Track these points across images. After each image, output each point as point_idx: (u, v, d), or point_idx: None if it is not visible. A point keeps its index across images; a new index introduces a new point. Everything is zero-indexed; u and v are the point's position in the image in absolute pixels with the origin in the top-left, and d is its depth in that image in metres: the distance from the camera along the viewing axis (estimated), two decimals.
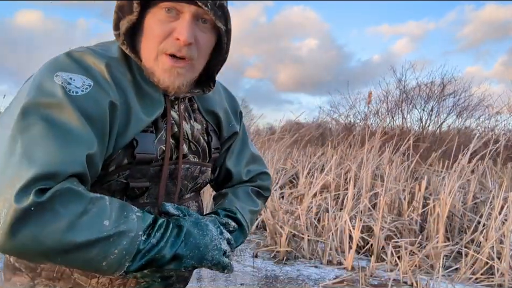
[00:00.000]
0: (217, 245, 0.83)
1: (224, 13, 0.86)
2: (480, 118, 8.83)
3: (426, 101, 8.84)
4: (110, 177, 0.83)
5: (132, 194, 0.87)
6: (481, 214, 3.93)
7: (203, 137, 1.01)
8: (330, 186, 4.70)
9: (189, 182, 0.99)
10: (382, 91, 9.32)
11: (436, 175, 4.79)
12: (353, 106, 9.22)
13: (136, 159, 0.84)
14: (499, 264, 3.17)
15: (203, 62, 0.90)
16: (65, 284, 0.87)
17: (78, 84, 0.77)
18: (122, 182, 0.85)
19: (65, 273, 0.87)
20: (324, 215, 3.84)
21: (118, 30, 0.86)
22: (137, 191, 0.87)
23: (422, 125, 8.70)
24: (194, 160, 0.98)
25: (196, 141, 0.99)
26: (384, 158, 5.10)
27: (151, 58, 0.85)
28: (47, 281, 0.87)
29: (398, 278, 3.08)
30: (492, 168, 5.46)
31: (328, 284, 2.93)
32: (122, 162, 0.83)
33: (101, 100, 0.78)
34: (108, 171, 0.82)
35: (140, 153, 0.84)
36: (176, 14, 0.83)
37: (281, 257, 3.49)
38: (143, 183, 0.86)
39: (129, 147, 0.84)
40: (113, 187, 0.85)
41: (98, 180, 0.82)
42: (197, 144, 0.99)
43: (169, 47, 0.83)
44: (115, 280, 0.87)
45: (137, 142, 0.84)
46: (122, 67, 0.86)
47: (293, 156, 6.15)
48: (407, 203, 4.09)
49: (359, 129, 8.10)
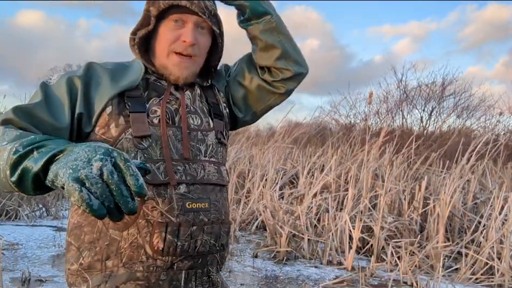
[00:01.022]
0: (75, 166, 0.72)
1: (217, 20, 1.17)
2: (480, 118, 8.83)
3: (426, 102, 8.84)
4: (119, 137, 1.05)
5: (142, 146, 1.06)
6: (481, 214, 3.92)
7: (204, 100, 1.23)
8: (330, 186, 4.69)
9: (198, 144, 1.14)
10: (383, 91, 9.32)
11: (436, 175, 4.78)
12: (353, 106, 9.22)
13: (130, 117, 1.06)
14: (499, 264, 3.16)
15: (203, 58, 1.19)
16: (103, 242, 1.04)
17: (54, 77, 1.09)
18: (130, 138, 1.05)
19: (103, 232, 1.04)
20: (324, 215, 3.84)
21: (135, 35, 1.16)
22: (145, 143, 1.06)
23: (422, 125, 8.70)
24: (196, 121, 1.17)
25: (200, 102, 1.21)
26: (384, 158, 5.09)
27: (164, 56, 1.14)
28: (89, 245, 1.05)
29: (398, 278, 3.07)
30: (492, 169, 5.45)
31: (328, 284, 2.92)
32: (119, 121, 1.06)
33: (63, 79, 1.07)
34: (112, 132, 1.05)
35: (133, 112, 1.07)
36: (182, 23, 1.12)
37: (281, 257, 3.49)
38: (144, 132, 1.06)
39: (125, 110, 1.07)
40: (125, 145, 1.05)
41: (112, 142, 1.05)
42: (195, 106, 1.20)
43: (178, 47, 1.12)
44: (142, 229, 1.03)
45: (129, 105, 1.08)
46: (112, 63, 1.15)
47: (293, 156, 6.14)
48: (408, 203, 4.08)
49: (359, 129, 8.10)
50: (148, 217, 1.03)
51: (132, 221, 1.02)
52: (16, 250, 3.18)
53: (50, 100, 1.05)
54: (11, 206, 4.21)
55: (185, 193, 1.07)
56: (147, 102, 1.11)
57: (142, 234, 1.02)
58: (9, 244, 3.27)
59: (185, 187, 1.07)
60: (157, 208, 1.03)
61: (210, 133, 1.18)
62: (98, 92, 1.08)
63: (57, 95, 1.06)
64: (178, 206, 1.05)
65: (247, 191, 5.00)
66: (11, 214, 4.22)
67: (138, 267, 1.03)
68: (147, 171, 0.79)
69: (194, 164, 1.11)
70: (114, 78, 1.11)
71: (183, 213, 1.05)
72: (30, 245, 3.33)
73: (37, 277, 2.58)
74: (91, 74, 1.10)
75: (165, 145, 1.07)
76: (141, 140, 1.06)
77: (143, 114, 1.08)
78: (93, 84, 1.09)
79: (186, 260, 1.07)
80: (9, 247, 3.23)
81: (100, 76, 1.10)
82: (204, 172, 1.12)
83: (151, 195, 1.03)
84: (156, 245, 1.02)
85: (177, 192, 1.06)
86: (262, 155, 5.92)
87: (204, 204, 1.09)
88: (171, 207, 1.04)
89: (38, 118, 1.01)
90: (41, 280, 2.54)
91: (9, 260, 2.93)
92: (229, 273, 3.02)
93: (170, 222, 1.03)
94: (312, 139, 7.38)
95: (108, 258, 1.03)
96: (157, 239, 1.02)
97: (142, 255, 1.03)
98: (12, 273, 2.65)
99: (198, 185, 1.09)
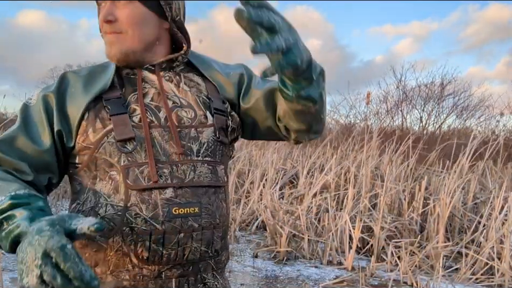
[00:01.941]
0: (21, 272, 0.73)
1: None
2: (480, 118, 8.83)
3: (425, 102, 8.85)
4: (101, 141, 0.99)
5: (126, 150, 0.99)
6: (481, 214, 3.92)
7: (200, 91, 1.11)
8: (330, 186, 4.69)
9: (189, 143, 1.04)
10: (382, 91, 9.32)
11: (436, 175, 4.79)
12: (353, 107, 9.23)
13: (112, 121, 0.99)
14: (500, 264, 3.16)
15: (138, 33, 1.05)
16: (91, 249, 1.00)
17: (34, 98, 1.05)
18: (114, 142, 0.99)
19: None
20: (324, 215, 3.84)
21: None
22: (129, 146, 0.99)
23: (422, 125, 8.70)
24: (188, 116, 1.06)
25: (192, 94, 1.09)
26: (384, 158, 5.10)
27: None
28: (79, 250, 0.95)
29: (398, 278, 3.08)
30: (492, 169, 5.45)
31: (328, 284, 2.92)
32: (96, 126, 1.00)
33: (39, 97, 1.04)
34: (90, 138, 1.00)
35: (114, 115, 1.00)
36: (104, 4, 1.05)
37: (281, 257, 3.49)
38: (128, 135, 1.00)
39: (101, 112, 1.01)
40: (108, 149, 0.99)
41: (93, 148, 0.99)
42: (188, 99, 1.08)
43: (103, 28, 1.06)
44: (127, 236, 0.98)
45: (109, 108, 1.01)
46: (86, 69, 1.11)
47: (293, 156, 6.14)
48: (407, 203, 4.09)
49: (359, 129, 8.10)
50: (132, 224, 0.97)
51: (117, 227, 0.97)
52: None
53: (29, 123, 1.02)
54: None
55: (171, 197, 0.99)
56: (126, 101, 1.04)
57: (127, 242, 0.97)
58: None
59: (172, 191, 0.99)
60: (140, 215, 0.97)
61: (206, 129, 1.07)
62: (73, 103, 1.03)
63: (35, 117, 1.02)
64: (164, 212, 0.97)
65: (246, 190, 5.00)
66: None
67: (125, 276, 0.99)
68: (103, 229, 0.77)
69: (184, 165, 1.02)
70: (87, 83, 1.05)
71: (169, 219, 0.98)
72: None
73: None
74: (65, 86, 1.05)
75: (149, 147, 1.01)
76: (125, 143, 1.00)
77: (124, 116, 1.01)
78: (67, 96, 1.04)
79: (174, 268, 1.01)
80: None
81: (73, 85, 1.05)
82: (194, 173, 1.03)
83: (135, 201, 0.97)
84: (140, 254, 0.97)
85: (163, 197, 0.98)
86: (262, 155, 5.92)
87: (194, 209, 1.01)
88: (155, 213, 0.97)
89: (20, 148, 0.99)
90: None
91: (9, 260, 2.92)
92: (229, 273, 3.02)
93: (154, 229, 0.97)
94: None
95: (96, 265, 1.00)
96: (141, 248, 0.97)
97: (128, 263, 0.99)
98: (12, 273, 2.65)
99: (187, 188, 1.01)
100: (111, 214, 0.98)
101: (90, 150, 1.00)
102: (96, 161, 1.01)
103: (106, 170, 1.00)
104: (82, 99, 1.03)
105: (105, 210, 0.98)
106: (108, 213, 0.98)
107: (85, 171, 1.03)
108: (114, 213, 0.98)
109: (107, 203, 0.99)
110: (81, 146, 1.01)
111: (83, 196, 1.02)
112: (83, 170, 1.03)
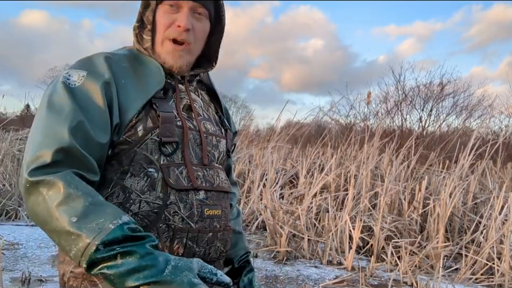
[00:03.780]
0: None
1: (217, 4, 1.12)
2: (479, 118, 8.83)
3: (425, 101, 8.85)
4: (145, 137, 1.00)
5: (166, 151, 1.02)
6: (481, 214, 3.92)
7: (213, 110, 1.22)
8: (330, 186, 4.69)
9: (213, 150, 1.13)
10: (382, 91, 9.32)
11: (436, 175, 4.78)
12: (353, 107, 9.22)
13: (160, 117, 1.01)
14: (499, 265, 3.16)
15: (200, 46, 1.13)
16: None
17: (75, 78, 0.98)
18: (156, 140, 1.01)
19: None
20: (324, 215, 3.84)
21: (139, 22, 1.11)
22: (169, 148, 1.02)
23: (422, 125, 8.70)
24: (211, 127, 1.15)
25: (207, 110, 1.18)
26: (384, 158, 5.09)
27: (159, 43, 1.09)
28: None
29: (398, 278, 3.07)
30: (492, 169, 5.45)
31: (328, 284, 2.92)
32: (147, 122, 1.01)
33: (95, 83, 0.98)
34: (139, 134, 1.00)
35: (163, 112, 1.02)
36: (177, 8, 1.06)
37: (280, 257, 3.49)
38: (173, 138, 1.03)
39: (151, 110, 1.02)
40: (150, 146, 1.01)
41: (135, 143, 1.00)
42: (209, 114, 1.18)
43: (172, 33, 1.06)
44: (163, 233, 1.00)
45: (157, 105, 1.03)
46: (123, 58, 1.07)
47: (293, 156, 6.14)
48: (408, 203, 4.09)
49: (359, 129, 8.10)
50: (169, 221, 1.00)
51: (151, 224, 0.99)
52: (16, 250, 3.17)
53: (89, 111, 0.94)
54: (11, 206, 4.20)
55: (203, 199, 1.06)
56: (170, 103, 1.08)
57: (162, 239, 1.00)
58: (9, 244, 3.27)
59: (204, 193, 1.06)
60: (178, 213, 1.01)
61: (222, 140, 1.18)
62: (126, 97, 1.01)
63: (93, 104, 0.96)
64: (198, 212, 1.04)
65: (246, 190, 5.00)
66: (11, 214, 4.22)
67: None
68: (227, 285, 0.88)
69: (211, 170, 1.10)
70: (138, 80, 1.04)
71: (202, 219, 1.04)
72: (30, 245, 3.32)
73: (37, 277, 2.58)
74: (117, 76, 1.02)
75: (186, 150, 1.05)
76: (166, 144, 1.02)
77: (172, 115, 1.04)
78: (119, 87, 1.01)
79: None
80: (9, 247, 3.22)
81: (122, 76, 1.03)
82: (219, 179, 1.12)
83: (174, 200, 1.01)
84: (176, 250, 1.00)
85: (197, 198, 1.04)
86: (262, 155, 5.92)
87: (218, 211, 1.08)
88: (191, 212, 1.03)
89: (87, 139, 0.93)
90: (41, 280, 2.54)
91: (9, 260, 2.92)
92: None
93: (190, 228, 1.02)
94: (312, 139, 7.38)
95: None
96: (178, 245, 1.01)
97: None
98: (12, 273, 2.64)
99: (214, 192, 1.08)
100: (146, 210, 0.98)
101: (130, 145, 1.00)
102: (134, 156, 1.00)
103: (144, 166, 1.00)
104: (136, 95, 1.02)
105: (138, 206, 0.99)
106: (143, 209, 0.99)
107: (113, 165, 1.01)
108: (150, 210, 0.99)
109: (141, 199, 0.99)
110: (123, 141, 1.00)
111: (106, 191, 1.01)
112: (109, 163, 1.01)
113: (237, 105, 24.09)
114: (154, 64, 1.08)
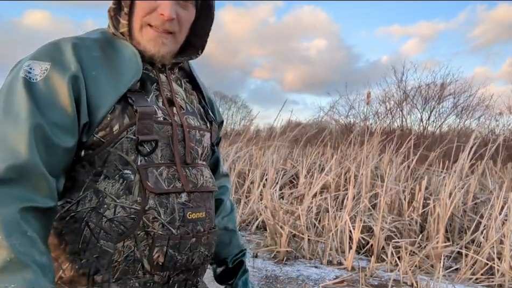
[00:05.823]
0: None
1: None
2: (479, 118, 8.83)
3: (426, 101, 8.85)
4: (119, 136, 0.90)
5: (144, 151, 0.92)
6: (481, 214, 3.92)
7: (196, 101, 1.10)
8: (330, 186, 4.69)
9: (196, 145, 1.03)
10: (383, 90, 9.33)
11: (436, 175, 4.78)
12: (353, 107, 9.23)
13: (138, 112, 0.90)
14: (500, 265, 3.16)
15: (184, 35, 1.01)
16: (91, 254, 0.89)
17: (36, 71, 0.85)
18: (132, 139, 0.90)
19: (91, 242, 0.89)
20: (324, 215, 3.84)
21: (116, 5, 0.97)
22: (148, 147, 0.92)
23: (422, 125, 8.70)
24: (194, 121, 1.04)
25: (190, 102, 1.08)
26: (384, 158, 5.10)
27: (137, 29, 0.96)
28: (71, 256, 0.90)
29: (398, 278, 3.07)
30: (492, 169, 5.45)
31: (328, 284, 2.92)
32: (124, 120, 0.90)
33: (60, 77, 0.86)
34: (114, 132, 0.89)
35: (140, 106, 0.91)
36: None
37: (281, 257, 3.49)
38: (151, 136, 0.93)
39: (127, 106, 0.91)
40: (125, 146, 0.90)
41: (108, 142, 0.89)
42: (192, 106, 1.07)
43: (153, 20, 0.94)
44: (141, 241, 0.91)
45: (133, 100, 0.92)
46: (94, 44, 0.94)
47: (293, 156, 6.14)
48: (408, 203, 4.09)
49: (359, 129, 8.10)
50: (148, 228, 0.90)
51: (129, 231, 0.89)
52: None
53: (53, 114, 0.83)
54: None
55: (186, 202, 0.96)
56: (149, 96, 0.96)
57: (140, 247, 0.90)
58: None
59: (186, 195, 0.96)
60: (158, 219, 0.91)
61: (206, 133, 1.07)
62: (97, 91, 0.89)
63: (59, 103, 0.84)
64: (180, 217, 0.94)
65: (246, 190, 5.01)
66: None
67: (133, 283, 0.91)
68: None
69: (194, 169, 1.00)
70: (110, 70, 0.92)
71: (184, 224, 0.95)
72: None
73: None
74: (86, 67, 0.89)
75: (175, 148, 0.95)
76: (144, 143, 0.91)
77: (151, 109, 0.93)
78: (91, 81, 0.89)
79: (182, 273, 0.98)
80: None
81: (93, 67, 0.90)
82: (203, 178, 1.02)
83: (153, 204, 0.91)
84: (156, 259, 0.92)
85: (179, 201, 0.95)
86: (262, 155, 5.92)
87: (202, 214, 0.99)
88: (172, 218, 0.93)
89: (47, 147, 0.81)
90: None
91: None
92: None
93: (171, 235, 0.93)
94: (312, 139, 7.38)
95: (97, 272, 0.89)
96: (158, 254, 0.92)
97: (139, 270, 0.91)
98: None
99: (197, 193, 0.99)
100: (122, 216, 0.89)
101: (103, 145, 0.89)
102: (107, 157, 0.90)
103: (119, 167, 0.90)
104: (109, 89, 0.90)
105: (113, 212, 0.89)
106: (119, 215, 0.89)
107: (84, 166, 0.91)
108: (126, 216, 0.89)
109: (116, 204, 0.90)
110: (95, 140, 0.90)
111: (78, 195, 0.91)
112: (80, 164, 0.91)
113: (238, 105, 24.07)
114: (131, 49, 0.96)
